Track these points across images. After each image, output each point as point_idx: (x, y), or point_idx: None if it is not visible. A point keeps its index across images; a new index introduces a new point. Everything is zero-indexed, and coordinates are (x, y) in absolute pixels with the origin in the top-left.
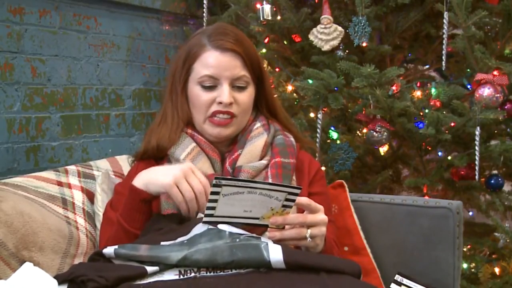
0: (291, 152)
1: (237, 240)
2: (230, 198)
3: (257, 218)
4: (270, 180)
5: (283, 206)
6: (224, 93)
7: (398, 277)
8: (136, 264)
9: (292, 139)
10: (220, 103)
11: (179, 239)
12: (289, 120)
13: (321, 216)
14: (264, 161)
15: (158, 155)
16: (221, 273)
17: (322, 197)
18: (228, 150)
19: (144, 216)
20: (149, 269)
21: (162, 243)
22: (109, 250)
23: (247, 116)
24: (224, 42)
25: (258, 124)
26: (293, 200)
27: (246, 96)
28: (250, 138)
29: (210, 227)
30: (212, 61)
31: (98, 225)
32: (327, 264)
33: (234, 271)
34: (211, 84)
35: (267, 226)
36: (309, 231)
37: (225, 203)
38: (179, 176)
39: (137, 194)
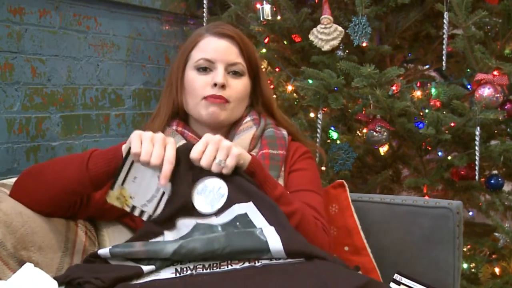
0: (281, 144)
1: (231, 230)
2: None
3: None
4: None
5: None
6: (218, 74)
7: (397, 276)
8: (132, 264)
9: (285, 132)
10: (215, 84)
11: (166, 232)
12: (287, 121)
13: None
14: (252, 154)
15: None
16: (217, 269)
17: (304, 173)
18: None
19: None
20: (145, 268)
21: (151, 240)
22: (104, 251)
23: (240, 105)
24: (222, 29)
25: (248, 119)
26: None
27: (241, 84)
28: (239, 132)
29: (199, 221)
30: (209, 45)
31: (97, 224)
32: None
33: (230, 267)
34: (206, 67)
35: None
36: (217, 157)
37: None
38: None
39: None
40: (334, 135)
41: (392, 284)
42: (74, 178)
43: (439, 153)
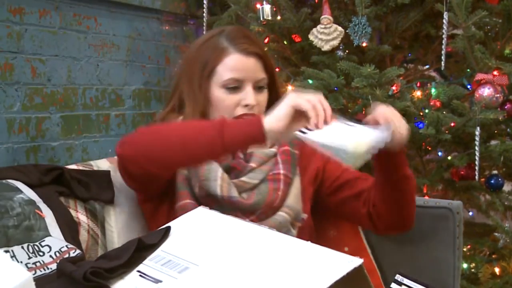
0: (294, 143)
1: None
2: None
3: None
4: (280, 166)
5: None
6: (249, 95)
7: (398, 277)
8: None
9: None
10: (246, 105)
11: None
12: None
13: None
14: (273, 149)
15: None
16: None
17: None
18: None
19: None
20: None
21: None
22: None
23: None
24: (248, 46)
25: None
26: None
27: (265, 98)
28: None
29: None
30: (237, 64)
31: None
32: None
33: None
34: (235, 86)
35: None
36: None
37: None
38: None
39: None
40: None
41: (393, 285)
42: (206, 146)
43: (439, 153)
